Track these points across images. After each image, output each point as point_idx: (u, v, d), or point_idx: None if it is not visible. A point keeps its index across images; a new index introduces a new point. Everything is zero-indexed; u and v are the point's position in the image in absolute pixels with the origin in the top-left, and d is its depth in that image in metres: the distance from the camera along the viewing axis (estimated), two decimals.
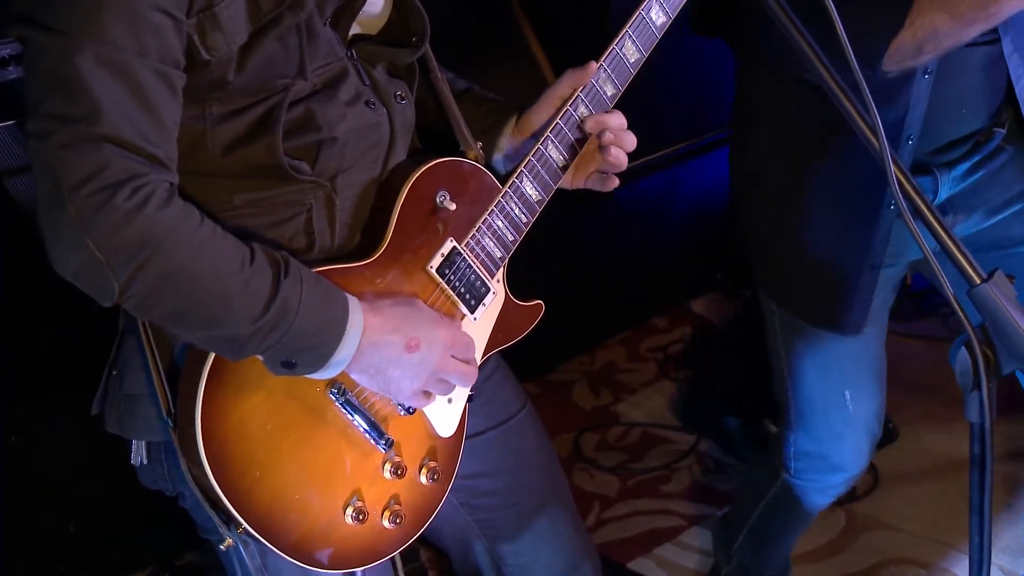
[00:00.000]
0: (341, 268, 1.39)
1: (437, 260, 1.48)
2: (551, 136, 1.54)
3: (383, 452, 1.45)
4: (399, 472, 1.47)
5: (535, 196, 1.55)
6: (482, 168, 1.54)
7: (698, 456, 3.35)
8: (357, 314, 1.34)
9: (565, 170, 1.57)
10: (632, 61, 1.58)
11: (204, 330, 1.27)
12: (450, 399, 1.52)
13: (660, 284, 4.05)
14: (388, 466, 1.46)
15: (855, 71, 1.27)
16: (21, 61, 2.01)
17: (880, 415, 2.24)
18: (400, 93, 1.49)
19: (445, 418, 1.53)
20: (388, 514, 1.47)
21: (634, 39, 1.57)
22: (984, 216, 2.05)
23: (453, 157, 1.51)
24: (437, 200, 1.47)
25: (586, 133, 1.56)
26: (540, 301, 1.63)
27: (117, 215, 1.17)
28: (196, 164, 1.33)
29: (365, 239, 1.45)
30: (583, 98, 1.55)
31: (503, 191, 1.53)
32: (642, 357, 3.96)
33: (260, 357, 1.31)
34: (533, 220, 1.56)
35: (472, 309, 1.53)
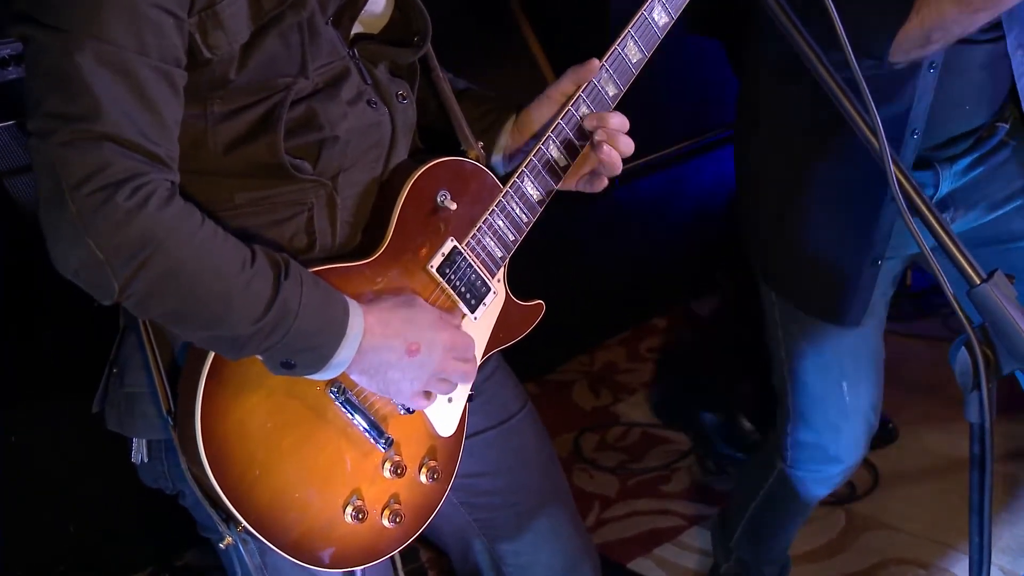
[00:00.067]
0: (342, 267, 1.39)
1: (438, 259, 1.48)
2: (552, 136, 1.54)
3: (383, 451, 1.45)
4: (399, 471, 1.47)
5: (536, 196, 1.55)
6: (483, 168, 1.53)
7: (698, 456, 3.35)
8: (357, 317, 1.34)
9: (566, 170, 1.57)
10: (634, 61, 1.58)
11: (204, 330, 1.27)
12: (450, 398, 1.52)
13: (660, 284, 4.05)
14: (388, 465, 1.46)
15: (855, 71, 1.27)
16: (21, 61, 2.02)
17: (877, 407, 2.25)
18: (402, 92, 1.49)
19: (445, 417, 1.53)
20: (388, 513, 1.47)
21: (636, 39, 1.56)
22: (984, 211, 2.06)
23: (454, 157, 1.51)
24: (438, 199, 1.47)
25: (587, 133, 1.56)
26: (541, 301, 1.63)
27: (118, 214, 1.17)
28: (197, 163, 1.33)
29: (366, 238, 1.45)
30: (585, 98, 1.55)
31: (504, 191, 1.53)
32: (642, 357, 3.96)
33: (260, 357, 1.31)
34: (534, 220, 1.56)
35: (473, 309, 1.53)
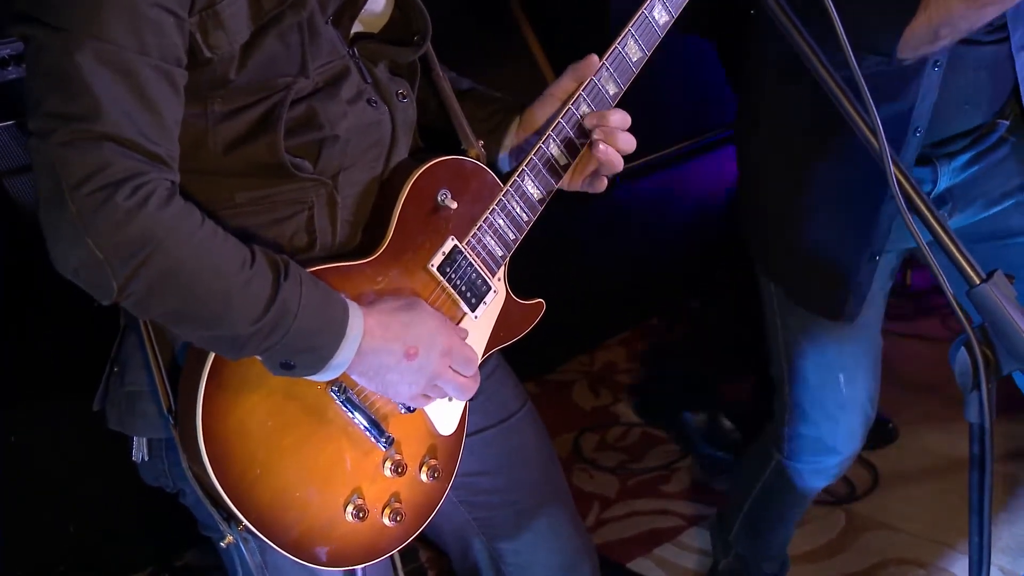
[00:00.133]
0: (342, 266, 1.39)
1: (438, 258, 1.48)
2: (553, 135, 1.54)
3: (383, 450, 1.45)
4: (399, 470, 1.47)
5: (536, 195, 1.55)
6: (483, 166, 1.53)
7: (697, 457, 3.35)
8: (357, 318, 1.34)
9: (567, 169, 1.57)
10: (635, 60, 1.58)
11: (204, 329, 1.27)
12: (450, 398, 1.52)
13: (660, 284, 4.05)
14: (388, 464, 1.46)
15: (855, 71, 1.27)
16: (21, 61, 2.03)
17: (874, 398, 2.25)
18: (402, 91, 1.49)
19: (445, 416, 1.53)
20: (388, 512, 1.47)
21: (636, 38, 1.56)
22: (982, 207, 2.06)
23: (455, 156, 1.51)
24: (438, 198, 1.47)
25: (587, 131, 1.56)
26: (541, 300, 1.63)
27: (118, 214, 1.17)
28: (198, 162, 1.33)
29: (366, 237, 1.45)
30: (585, 97, 1.55)
31: (504, 189, 1.53)
32: (642, 357, 3.97)
33: (259, 358, 1.31)
34: (534, 219, 1.56)
35: (473, 307, 1.53)
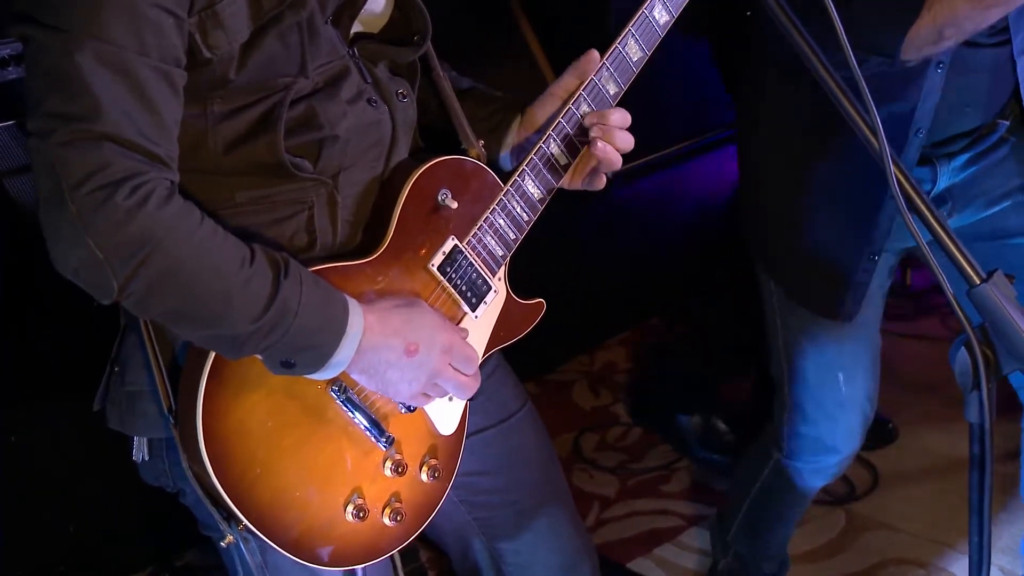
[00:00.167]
0: (343, 266, 1.39)
1: (439, 258, 1.48)
2: (553, 134, 1.54)
3: (384, 450, 1.45)
4: (400, 470, 1.47)
5: (537, 194, 1.55)
6: (484, 166, 1.53)
7: (692, 460, 3.35)
8: (357, 316, 1.34)
9: (567, 168, 1.57)
10: (635, 60, 1.58)
11: (204, 329, 1.27)
12: (451, 397, 1.52)
13: (660, 284, 4.05)
14: (389, 464, 1.46)
15: (855, 71, 1.27)
16: (21, 61, 2.03)
17: (873, 397, 2.25)
18: (402, 91, 1.49)
19: (446, 416, 1.53)
20: (389, 511, 1.47)
21: (637, 37, 1.56)
22: (982, 207, 2.06)
23: (455, 155, 1.51)
24: (439, 198, 1.47)
25: (587, 130, 1.56)
26: (541, 299, 1.63)
27: (117, 213, 1.17)
28: (198, 162, 1.33)
29: (367, 237, 1.45)
30: (585, 96, 1.55)
31: (505, 189, 1.53)
32: (642, 357, 3.97)
33: (259, 357, 1.31)
34: (535, 218, 1.56)
35: (474, 307, 1.53)
